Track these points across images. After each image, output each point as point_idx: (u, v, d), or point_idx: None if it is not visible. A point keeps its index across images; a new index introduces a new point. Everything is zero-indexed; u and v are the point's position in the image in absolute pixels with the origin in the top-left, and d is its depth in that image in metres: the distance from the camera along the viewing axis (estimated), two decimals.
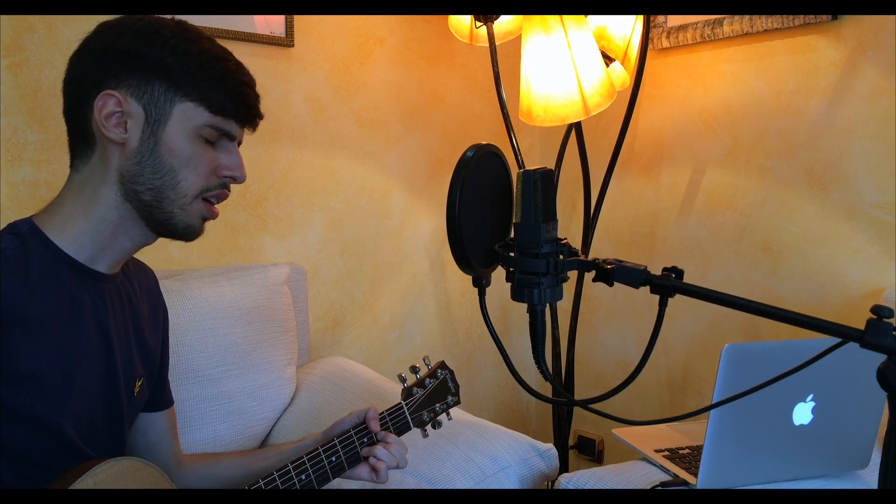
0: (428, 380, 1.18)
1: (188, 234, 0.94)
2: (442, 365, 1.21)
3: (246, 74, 0.93)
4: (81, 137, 0.91)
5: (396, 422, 1.12)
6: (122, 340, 0.98)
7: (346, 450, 1.07)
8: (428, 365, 1.20)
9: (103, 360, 0.95)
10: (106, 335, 0.95)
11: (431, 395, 1.17)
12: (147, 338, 1.05)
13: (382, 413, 1.11)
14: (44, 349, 0.87)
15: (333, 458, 1.06)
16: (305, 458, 1.04)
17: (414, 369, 1.17)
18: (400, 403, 1.14)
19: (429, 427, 1.17)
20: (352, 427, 1.09)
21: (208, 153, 0.91)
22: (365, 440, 1.08)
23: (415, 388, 1.16)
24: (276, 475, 1.01)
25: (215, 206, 0.95)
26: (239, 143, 0.96)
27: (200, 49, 0.89)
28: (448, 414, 1.20)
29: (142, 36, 0.88)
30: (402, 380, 1.16)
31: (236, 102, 0.91)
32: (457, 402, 1.21)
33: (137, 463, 0.94)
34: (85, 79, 0.89)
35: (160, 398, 1.12)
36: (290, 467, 1.02)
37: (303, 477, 1.03)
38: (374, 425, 1.09)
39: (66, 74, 0.92)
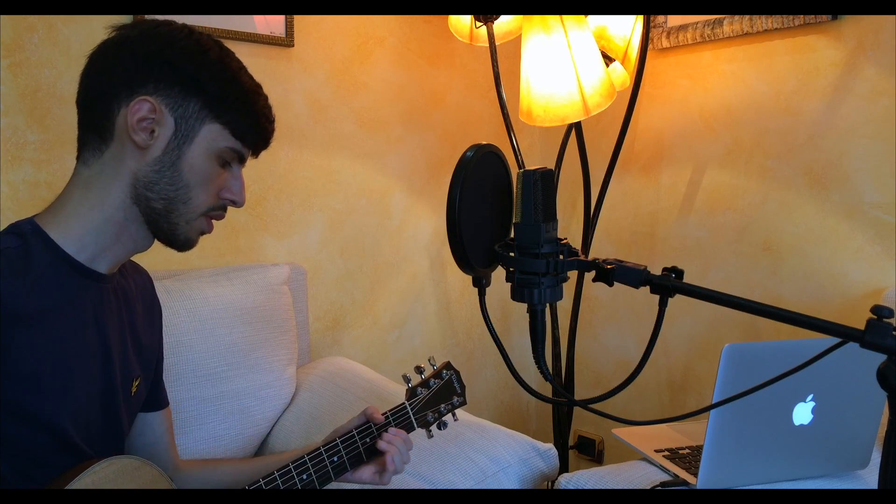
0: (433, 380, 1.17)
1: (186, 246, 0.97)
2: (447, 365, 1.20)
3: (271, 111, 0.98)
4: (96, 130, 0.91)
5: (399, 422, 1.11)
6: (119, 340, 0.98)
7: (348, 449, 1.06)
8: (433, 365, 1.19)
9: (101, 359, 0.95)
10: (104, 335, 0.95)
11: (436, 396, 1.16)
12: (143, 337, 1.05)
13: (386, 413, 1.10)
14: (44, 348, 0.87)
15: (335, 458, 1.05)
16: (307, 458, 1.03)
17: (419, 370, 1.16)
18: (403, 403, 1.13)
19: (434, 428, 1.16)
20: (354, 427, 1.08)
21: (221, 175, 0.95)
22: (367, 440, 1.07)
23: (419, 389, 1.15)
24: (276, 474, 1.00)
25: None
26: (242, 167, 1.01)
27: (239, 80, 0.94)
28: (454, 415, 1.19)
29: (189, 54, 0.91)
30: (407, 380, 1.15)
31: (257, 135, 0.97)
32: (462, 403, 1.20)
33: (136, 462, 0.94)
34: (118, 74, 0.89)
35: (155, 399, 1.12)
36: (291, 466, 1.01)
37: (304, 476, 1.02)
38: (377, 416, 1.08)
39: (92, 63, 0.91)
